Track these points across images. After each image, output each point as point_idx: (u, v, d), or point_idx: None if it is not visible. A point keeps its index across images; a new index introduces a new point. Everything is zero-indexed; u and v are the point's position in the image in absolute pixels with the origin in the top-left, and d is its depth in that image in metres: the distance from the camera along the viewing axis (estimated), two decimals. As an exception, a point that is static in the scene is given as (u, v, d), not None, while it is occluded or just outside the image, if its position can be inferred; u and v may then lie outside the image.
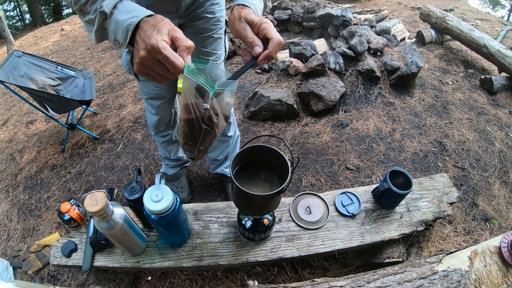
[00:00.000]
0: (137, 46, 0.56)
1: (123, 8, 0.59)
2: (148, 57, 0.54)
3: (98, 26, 0.62)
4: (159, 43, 0.52)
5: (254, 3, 0.72)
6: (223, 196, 1.73)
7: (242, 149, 0.87)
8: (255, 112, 2.22)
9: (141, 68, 0.57)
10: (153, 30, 0.54)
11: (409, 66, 2.38)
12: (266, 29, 0.64)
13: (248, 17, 0.66)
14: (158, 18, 0.58)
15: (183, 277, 1.33)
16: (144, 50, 0.53)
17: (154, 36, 0.53)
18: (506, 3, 13.22)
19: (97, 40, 0.66)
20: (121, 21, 0.57)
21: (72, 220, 1.12)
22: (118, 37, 0.59)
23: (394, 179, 1.17)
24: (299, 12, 3.30)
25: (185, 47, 0.56)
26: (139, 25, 0.57)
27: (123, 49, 0.59)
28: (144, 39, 0.54)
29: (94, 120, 2.48)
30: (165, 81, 0.60)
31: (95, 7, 0.60)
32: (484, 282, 0.95)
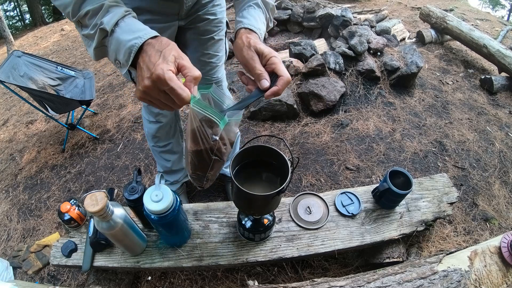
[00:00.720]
0: (141, 73, 0.52)
1: (125, 26, 0.56)
2: (153, 87, 0.51)
3: (98, 43, 0.58)
4: (165, 73, 0.49)
5: (259, 27, 0.71)
6: (223, 196, 1.73)
7: (242, 149, 0.87)
8: (255, 112, 2.22)
9: (145, 96, 0.53)
10: (158, 57, 0.51)
11: (409, 66, 2.38)
12: (275, 64, 0.62)
13: (258, 47, 0.64)
14: (163, 42, 0.54)
15: (183, 277, 1.33)
16: (149, 80, 0.50)
17: (160, 65, 0.49)
18: (506, 3, 13.23)
19: (96, 57, 0.62)
20: (124, 41, 0.54)
21: (72, 220, 1.12)
22: (119, 57, 0.56)
23: (394, 179, 1.17)
24: (299, 12, 3.30)
25: (192, 78, 0.53)
26: (143, 47, 0.54)
27: (124, 70, 0.57)
28: (149, 67, 0.51)
29: (94, 120, 2.48)
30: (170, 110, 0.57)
31: (95, 22, 0.57)
32: (484, 282, 0.95)
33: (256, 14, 0.73)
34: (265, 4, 0.77)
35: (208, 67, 1.16)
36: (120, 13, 0.56)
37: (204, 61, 1.14)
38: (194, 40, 1.10)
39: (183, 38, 1.11)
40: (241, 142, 1.99)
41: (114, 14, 0.56)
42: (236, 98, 2.52)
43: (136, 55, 0.54)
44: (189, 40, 1.11)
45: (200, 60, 1.14)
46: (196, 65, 1.26)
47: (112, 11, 0.56)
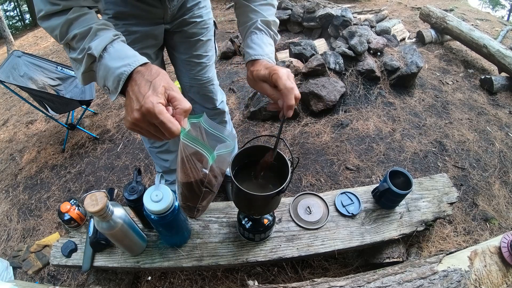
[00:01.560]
0: (130, 103, 0.51)
1: (114, 52, 0.54)
2: (142, 120, 0.49)
3: (86, 68, 0.57)
4: (155, 107, 0.47)
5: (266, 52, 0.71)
6: (223, 196, 1.73)
7: (242, 149, 0.87)
8: (255, 112, 2.21)
9: (134, 127, 0.52)
10: (148, 88, 0.50)
11: (409, 66, 2.38)
12: (276, 81, 0.63)
13: (259, 75, 0.65)
14: (153, 71, 0.53)
15: (183, 277, 1.33)
16: (138, 112, 0.49)
17: (150, 98, 0.48)
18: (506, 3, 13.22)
19: (84, 82, 0.61)
20: (112, 68, 0.53)
21: (72, 220, 1.12)
22: (108, 84, 0.55)
23: (394, 179, 1.16)
24: (299, 12, 3.30)
25: (183, 111, 0.52)
26: (132, 75, 0.53)
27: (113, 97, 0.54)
28: (139, 98, 0.49)
29: (94, 120, 2.48)
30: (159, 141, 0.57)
31: (83, 46, 0.55)
32: (484, 282, 0.95)
33: (259, 39, 0.74)
34: (266, 24, 0.77)
35: (198, 67, 1.16)
36: (108, 38, 0.55)
37: (194, 62, 1.15)
38: (182, 43, 1.10)
39: (171, 40, 1.11)
40: (241, 142, 1.99)
41: (102, 38, 0.55)
42: (236, 99, 2.52)
43: (125, 82, 0.53)
44: (177, 43, 1.11)
45: (190, 62, 1.14)
46: (186, 66, 1.25)
47: (100, 35, 0.55)
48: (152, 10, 0.93)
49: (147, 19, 0.95)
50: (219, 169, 0.65)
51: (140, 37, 0.97)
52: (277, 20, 0.83)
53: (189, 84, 1.23)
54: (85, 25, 0.56)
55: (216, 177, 0.65)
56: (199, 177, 0.61)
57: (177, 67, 1.22)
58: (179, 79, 1.25)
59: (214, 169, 0.62)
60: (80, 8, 0.58)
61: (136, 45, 0.99)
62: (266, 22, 0.77)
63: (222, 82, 2.78)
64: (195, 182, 0.62)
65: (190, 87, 1.24)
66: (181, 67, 1.19)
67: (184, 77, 1.22)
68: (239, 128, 2.20)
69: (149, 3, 0.90)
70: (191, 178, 0.61)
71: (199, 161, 0.60)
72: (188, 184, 0.62)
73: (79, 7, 0.58)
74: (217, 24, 1.19)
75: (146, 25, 0.96)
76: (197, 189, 0.64)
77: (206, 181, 0.62)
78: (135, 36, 0.97)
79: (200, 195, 0.65)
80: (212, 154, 0.57)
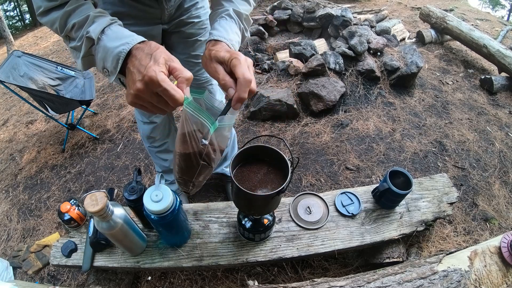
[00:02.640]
0: (132, 76, 0.51)
1: (112, 33, 0.55)
2: (145, 90, 0.50)
3: (85, 52, 0.58)
4: (157, 75, 0.48)
5: (229, 38, 0.68)
6: (223, 196, 1.73)
7: (242, 149, 0.87)
8: (255, 112, 2.22)
9: (137, 100, 0.52)
10: (149, 60, 0.50)
11: (409, 66, 2.38)
12: (235, 67, 0.58)
13: (218, 55, 0.61)
14: (152, 46, 0.53)
15: (183, 277, 1.33)
16: (141, 82, 0.49)
17: (152, 67, 0.48)
18: (506, 3, 13.22)
19: (84, 67, 0.62)
20: (111, 48, 0.53)
21: (72, 220, 1.12)
22: (107, 65, 0.55)
23: (394, 179, 1.16)
24: (299, 12, 3.30)
25: (184, 79, 0.52)
26: (131, 52, 0.53)
27: (112, 78, 0.56)
28: (140, 70, 0.50)
29: (94, 120, 2.48)
30: (162, 113, 0.55)
31: (81, 34, 0.56)
32: (484, 282, 0.95)
33: (227, 24, 0.72)
34: (238, 15, 0.75)
35: (197, 67, 1.16)
36: (105, 21, 0.56)
37: (192, 62, 1.15)
38: (180, 43, 1.11)
39: (169, 41, 1.11)
40: (241, 142, 1.99)
41: (100, 23, 0.56)
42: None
43: (124, 61, 0.53)
44: (175, 43, 1.11)
45: (188, 61, 1.15)
46: (185, 66, 1.26)
47: (97, 21, 0.56)
48: (149, 10, 0.93)
49: (145, 19, 0.95)
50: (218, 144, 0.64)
51: None
52: (250, 18, 0.81)
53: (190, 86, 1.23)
54: (83, 14, 0.57)
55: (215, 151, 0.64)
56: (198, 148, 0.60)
57: None
58: None
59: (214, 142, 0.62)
60: (77, 0, 0.59)
61: None
62: (238, 13, 0.76)
63: (222, 82, 2.77)
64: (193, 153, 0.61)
65: None
66: None
67: None
68: (239, 128, 2.20)
69: (146, 4, 0.90)
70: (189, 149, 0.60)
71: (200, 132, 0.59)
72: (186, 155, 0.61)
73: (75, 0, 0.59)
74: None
75: (144, 25, 0.96)
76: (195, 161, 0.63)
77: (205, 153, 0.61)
78: None
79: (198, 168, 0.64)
80: (214, 124, 0.57)
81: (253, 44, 3.04)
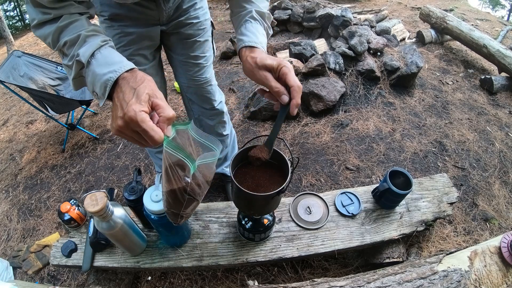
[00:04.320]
0: (115, 111, 0.52)
1: (101, 58, 0.55)
2: (125, 128, 0.50)
3: (76, 74, 0.59)
4: (137, 115, 0.48)
5: (260, 41, 0.70)
6: (223, 196, 1.73)
7: (242, 149, 0.87)
8: (255, 112, 2.21)
9: (119, 134, 0.53)
10: (132, 96, 0.50)
11: (409, 66, 2.38)
12: (285, 75, 0.61)
13: (266, 63, 0.63)
14: (138, 78, 0.54)
15: (183, 277, 1.33)
16: (122, 120, 0.50)
17: (132, 106, 0.49)
18: (506, 3, 13.21)
19: (75, 87, 0.63)
20: (99, 74, 0.54)
21: (72, 220, 1.12)
22: (96, 90, 0.56)
23: (394, 179, 1.17)
24: (299, 12, 3.30)
25: (166, 119, 0.52)
26: (118, 82, 0.54)
27: (101, 102, 0.57)
28: (122, 106, 0.50)
29: (94, 120, 2.48)
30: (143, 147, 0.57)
31: (73, 53, 0.57)
32: (484, 282, 0.95)
33: (254, 28, 0.73)
34: (261, 15, 0.76)
35: (196, 68, 1.16)
36: (96, 44, 0.56)
37: (191, 62, 1.15)
38: (179, 44, 1.11)
39: (168, 41, 1.11)
40: (241, 142, 1.99)
41: (90, 45, 0.56)
42: (236, 99, 2.52)
43: (112, 87, 0.54)
44: (174, 44, 1.11)
45: (187, 62, 1.14)
46: (183, 67, 1.25)
47: (88, 42, 0.57)
48: (147, 12, 0.93)
49: (143, 20, 0.95)
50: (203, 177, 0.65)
51: (136, 38, 0.98)
52: (271, 16, 0.82)
53: (187, 85, 1.23)
54: (75, 32, 0.57)
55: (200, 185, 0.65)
56: (182, 185, 0.61)
57: (175, 68, 1.22)
58: (177, 80, 1.26)
59: (197, 177, 0.63)
60: (70, 15, 0.59)
61: (133, 46, 1.00)
62: (261, 13, 0.76)
63: (222, 82, 2.77)
64: (178, 189, 0.62)
65: (188, 88, 1.24)
66: (179, 67, 1.19)
67: (182, 78, 1.22)
68: (239, 128, 2.20)
69: (144, 5, 0.90)
70: (174, 186, 0.62)
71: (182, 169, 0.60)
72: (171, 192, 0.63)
73: (69, 15, 0.59)
74: (217, 24, 1.19)
75: (142, 26, 0.96)
76: (180, 197, 0.64)
77: (189, 189, 0.63)
78: (131, 37, 0.97)
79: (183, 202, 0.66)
80: (193, 164, 0.58)
81: (253, 44, 3.03)
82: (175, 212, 0.70)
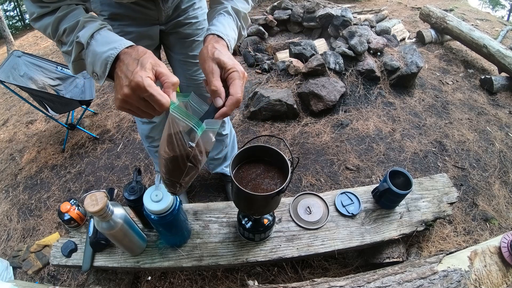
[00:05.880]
0: (119, 81, 0.52)
1: (100, 38, 0.56)
2: (132, 95, 0.50)
3: (75, 56, 0.59)
4: (144, 80, 0.48)
5: (228, 33, 0.69)
6: (223, 196, 1.73)
7: (242, 149, 0.87)
8: (255, 112, 2.21)
9: (124, 105, 0.53)
10: (136, 65, 0.51)
11: (409, 66, 2.38)
12: (232, 80, 0.60)
13: (221, 59, 0.61)
14: (140, 51, 0.54)
15: (183, 277, 1.33)
16: (128, 88, 0.50)
17: (139, 73, 0.49)
18: (506, 3, 13.20)
19: (75, 71, 0.63)
20: (99, 52, 0.54)
21: (72, 220, 1.12)
22: (96, 69, 0.56)
23: (394, 179, 1.17)
24: (299, 12, 3.30)
25: (171, 84, 0.53)
26: (119, 57, 0.54)
27: (101, 82, 0.57)
28: (127, 75, 0.50)
29: (94, 120, 2.48)
30: (149, 117, 0.57)
31: (72, 38, 0.58)
32: (484, 282, 0.95)
33: (225, 21, 0.73)
34: (236, 12, 0.76)
35: (194, 67, 1.17)
36: (95, 26, 0.57)
37: (190, 62, 1.15)
38: (178, 43, 1.11)
39: (167, 41, 1.11)
40: (241, 142, 1.99)
41: (90, 27, 0.57)
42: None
43: (112, 65, 0.54)
44: (173, 43, 1.11)
45: (186, 62, 1.15)
46: (182, 66, 1.26)
47: (87, 26, 0.58)
48: (146, 11, 0.93)
49: (142, 20, 0.96)
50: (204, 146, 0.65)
51: (135, 37, 0.98)
52: (248, 17, 0.82)
53: (186, 84, 1.23)
54: (73, 19, 0.59)
55: (202, 152, 0.65)
56: (186, 151, 0.61)
57: (173, 67, 1.23)
58: None
59: (200, 144, 0.63)
60: (68, 5, 0.61)
61: None
62: (237, 10, 0.76)
63: (222, 82, 2.77)
64: (180, 156, 0.62)
65: (187, 87, 1.24)
66: (178, 67, 1.19)
67: (181, 77, 1.22)
68: (239, 128, 2.20)
69: (143, 5, 0.91)
70: (176, 152, 0.61)
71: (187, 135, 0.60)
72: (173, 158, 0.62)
73: (67, 5, 0.61)
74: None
75: (141, 25, 0.97)
76: (182, 164, 0.64)
77: (192, 156, 0.62)
78: (130, 36, 0.98)
79: (185, 170, 0.65)
80: (201, 126, 0.58)
81: (253, 44, 3.04)
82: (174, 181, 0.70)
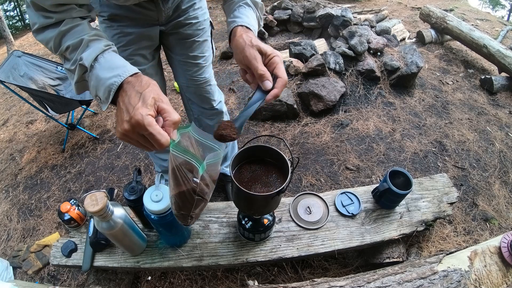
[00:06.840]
0: (121, 114, 0.51)
1: (104, 62, 0.55)
2: (132, 131, 0.50)
3: (78, 77, 0.58)
4: (144, 118, 0.48)
5: (253, 24, 0.70)
6: (223, 196, 1.73)
7: (242, 149, 0.87)
8: (255, 112, 2.21)
9: (124, 138, 0.52)
10: (138, 100, 0.50)
11: (409, 66, 2.38)
12: (276, 64, 0.61)
13: (260, 46, 0.62)
14: (143, 82, 0.53)
15: (183, 277, 1.33)
16: (128, 124, 0.49)
17: (139, 109, 0.48)
18: (506, 3, 13.20)
19: (78, 91, 0.62)
20: (103, 78, 0.53)
21: (72, 220, 1.12)
22: (99, 94, 0.55)
23: (394, 179, 1.16)
24: (299, 12, 3.30)
25: (172, 123, 0.52)
26: (123, 86, 0.53)
27: (104, 107, 0.57)
28: (128, 110, 0.50)
29: (94, 120, 2.48)
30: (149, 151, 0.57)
31: (75, 57, 0.57)
32: (484, 282, 0.95)
33: (248, 12, 0.73)
34: (254, 4, 0.77)
35: (195, 68, 1.16)
36: (99, 48, 0.56)
37: (190, 62, 1.15)
38: (178, 44, 1.11)
39: (167, 42, 1.11)
40: (241, 142, 1.99)
41: (94, 49, 0.56)
42: (236, 99, 2.52)
43: (116, 92, 0.54)
44: (173, 44, 1.11)
45: (186, 62, 1.14)
46: (182, 67, 1.26)
47: (91, 46, 0.56)
48: (146, 12, 0.93)
49: (142, 20, 0.96)
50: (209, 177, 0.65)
51: (135, 38, 0.98)
52: (264, 8, 0.82)
53: (186, 85, 1.23)
54: (77, 36, 0.57)
55: (208, 185, 0.65)
56: (191, 186, 0.62)
57: (174, 68, 1.22)
58: (177, 80, 1.26)
59: (205, 177, 0.63)
60: (72, 19, 0.59)
61: (132, 46, 1.00)
62: (255, 2, 0.77)
63: (222, 82, 2.77)
64: (187, 191, 0.63)
65: (187, 88, 1.24)
66: (178, 67, 1.19)
67: (181, 78, 1.22)
68: (239, 128, 2.20)
69: (143, 6, 0.91)
70: (183, 188, 0.62)
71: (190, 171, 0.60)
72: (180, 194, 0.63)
73: (71, 19, 0.59)
74: (217, 23, 1.19)
75: (141, 26, 0.97)
76: (190, 198, 0.64)
77: (198, 190, 0.63)
78: (130, 37, 0.97)
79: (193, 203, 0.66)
80: (202, 164, 0.58)
81: (253, 44, 3.03)
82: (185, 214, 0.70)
